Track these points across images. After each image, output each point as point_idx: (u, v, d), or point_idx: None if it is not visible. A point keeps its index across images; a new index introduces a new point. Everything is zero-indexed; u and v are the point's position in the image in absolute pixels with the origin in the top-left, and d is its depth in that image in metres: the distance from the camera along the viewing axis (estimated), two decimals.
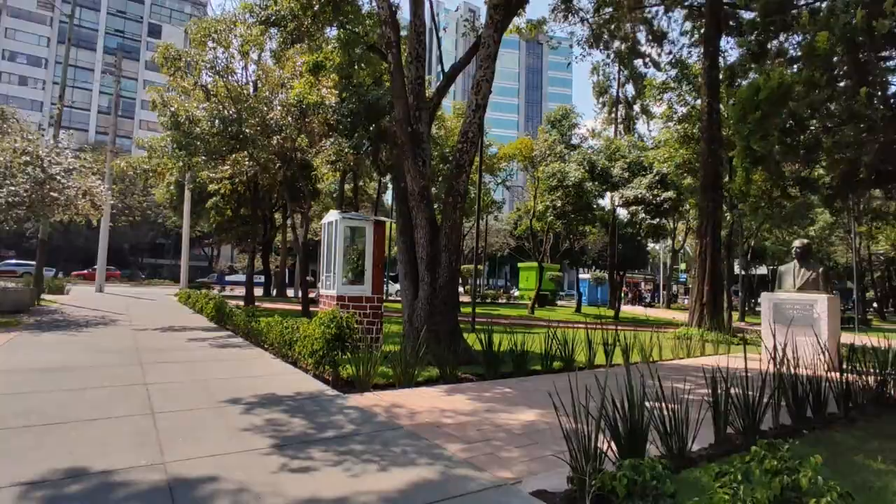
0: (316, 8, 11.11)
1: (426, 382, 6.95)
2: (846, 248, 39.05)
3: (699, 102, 20.56)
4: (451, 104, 33.58)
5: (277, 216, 32.11)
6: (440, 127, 25.45)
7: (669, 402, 3.89)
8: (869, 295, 43.86)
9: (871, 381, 6.37)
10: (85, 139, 64.63)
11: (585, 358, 8.57)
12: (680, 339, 12.50)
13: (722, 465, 2.73)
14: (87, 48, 74.69)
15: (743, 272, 33.93)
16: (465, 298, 28.00)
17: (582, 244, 35.73)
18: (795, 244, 10.73)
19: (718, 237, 17.29)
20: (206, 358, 8.33)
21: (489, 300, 37.72)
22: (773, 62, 12.17)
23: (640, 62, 25.65)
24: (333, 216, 9.53)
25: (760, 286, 43.79)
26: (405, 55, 9.89)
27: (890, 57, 9.38)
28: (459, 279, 19.55)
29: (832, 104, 9.54)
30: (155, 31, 79.95)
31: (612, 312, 26.29)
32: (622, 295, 32.78)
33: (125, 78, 51.79)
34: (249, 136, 15.93)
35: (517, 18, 13.62)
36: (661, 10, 21.99)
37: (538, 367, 8.18)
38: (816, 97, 9.23)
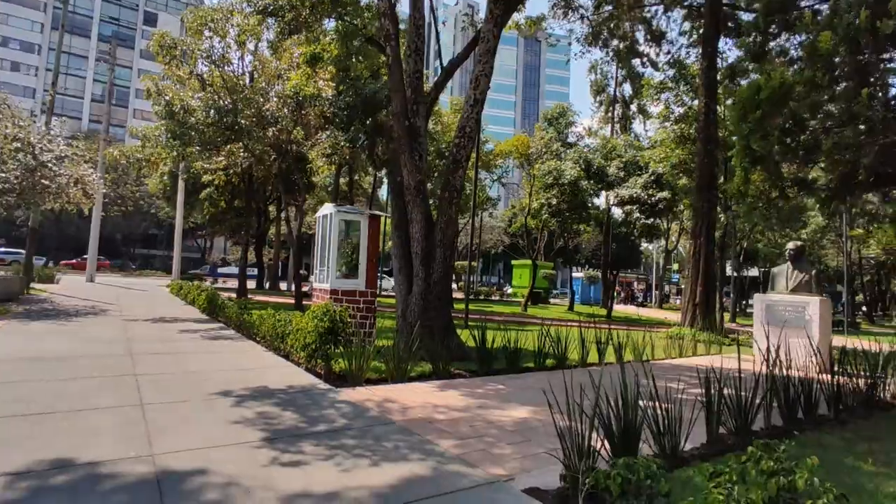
0: None
1: (419, 378, 6.92)
2: (837, 251, 39.31)
3: (696, 103, 20.61)
4: (448, 100, 33.49)
5: (272, 209, 31.99)
6: (437, 122, 25.37)
7: (662, 401, 3.89)
8: (858, 298, 44.26)
9: (861, 383, 6.41)
10: (78, 127, 63.97)
11: (578, 356, 8.56)
12: (672, 338, 12.54)
13: (716, 464, 2.72)
14: (81, 35, 73.90)
15: (735, 274, 34.11)
16: (458, 295, 28.03)
17: (576, 243, 35.77)
18: (789, 246, 10.75)
19: (713, 238, 17.35)
20: (197, 350, 8.27)
21: (482, 297, 37.80)
22: (774, 62, 12.17)
23: (637, 62, 25.72)
24: (329, 209, 9.48)
25: (752, 288, 44.09)
26: (404, 48, 9.81)
27: (892, 59, 9.38)
28: (453, 275, 19.51)
29: (833, 105, 9.55)
30: (151, 19, 79.11)
31: (604, 311, 26.38)
32: (615, 294, 32.87)
33: (119, 66, 51.32)
34: (245, 127, 15.81)
35: (517, 14, 13.56)
36: (660, 9, 22.01)
37: (531, 364, 8.18)
38: (817, 98, 9.24)
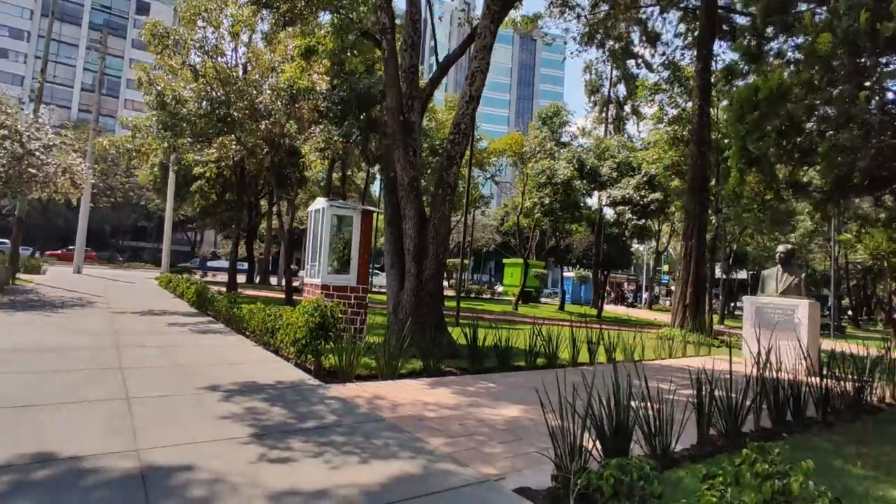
0: None
1: (409, 375, 6.88)
2: (825, 255, 39.71)
3: (690, 105, 20.70)
4: (442, 97, 33.44)
5: (263, 202, 31.74)
6: (431, 119, 25.33)
7: (653, 401, 3.88)
8: (844, 303, 44.78)
9: (849, 387, 6.46)
10: (67, 116, 63.15)
11: (569, 355, 8.57)
12: (662, 339, 12.59)
13: (709, 466, 2.71)
14: (71, 23, 72.85)
15: (724, 276, 34.37)
16: (449, 292, 28.01)
17: (567, 242, 35.93)
18: (779, 249, 10.79)
19: (704, 240, 17.43)
20: (185, 343, 8.17)
21: (473, 295, 37.79)
22: (771, 64, 12.19)
23: (632, 63, 25.75)
24: (321, 203, 9.40)
25: (740, 290, 44.49)
26: (399, 42, 9.74)
27: (889, 62, 9.41)
28: (445, 273, 19.45)
29: (830, 107, 9.57)
30: (143, 8, 78.10)
31: (595, 311, 26.49)
32: (605, 294, 33.02)
33: (110, 55, 50.57)
34: (237, 119, 15.64)
35: (513, 11, 13.53)
36: (656, 10, 22.04)
37: (522, 363, 8.16)
38: (815, 99, 9.26)
